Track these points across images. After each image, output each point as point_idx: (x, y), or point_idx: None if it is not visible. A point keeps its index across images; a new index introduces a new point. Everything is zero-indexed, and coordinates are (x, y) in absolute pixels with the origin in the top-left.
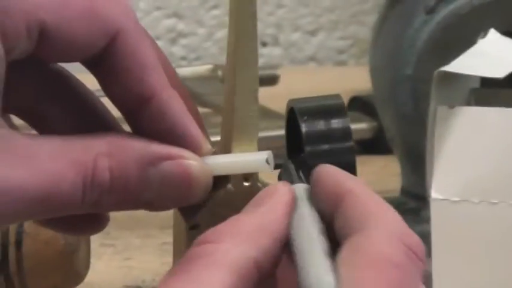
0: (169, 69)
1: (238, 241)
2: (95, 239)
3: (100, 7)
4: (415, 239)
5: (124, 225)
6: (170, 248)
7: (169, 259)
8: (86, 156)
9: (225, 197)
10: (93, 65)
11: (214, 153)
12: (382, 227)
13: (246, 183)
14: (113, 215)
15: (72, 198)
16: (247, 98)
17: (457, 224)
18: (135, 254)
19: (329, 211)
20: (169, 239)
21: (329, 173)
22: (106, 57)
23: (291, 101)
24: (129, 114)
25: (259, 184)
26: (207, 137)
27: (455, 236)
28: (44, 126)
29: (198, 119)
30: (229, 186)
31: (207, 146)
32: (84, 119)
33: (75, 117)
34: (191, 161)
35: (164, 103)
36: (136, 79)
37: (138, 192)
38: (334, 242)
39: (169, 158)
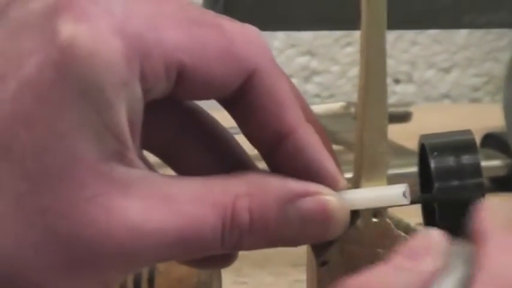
0: (304, 104)
1: None
2: (227, 277)
3: (237, 46)
4: None
5: (256, 262)
6: (303, 285)
7: None
8: (226, 198)
9: (354, 234)
10: (229, 102)
11: (348, 189)
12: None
13: (374, 219)
14: (245, 252)
15: (212, 241)
16: (376, 134)
17: None
18: None
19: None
20: (302, 276)
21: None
22: (242, 95)
23: (422, 136)
24: (266, 152)
25: (387, 220)
26: (341, 173)
27: None
28: (179, 164)
29: (333, 154)
30: (359, 222)
31: (343, 181)
32: (219, 157)
33: (210, 154)
34: (329, 197)
35: (301, 139)
36: (274, 116)
37: (278, 231)
38: None
39: (307, 194)
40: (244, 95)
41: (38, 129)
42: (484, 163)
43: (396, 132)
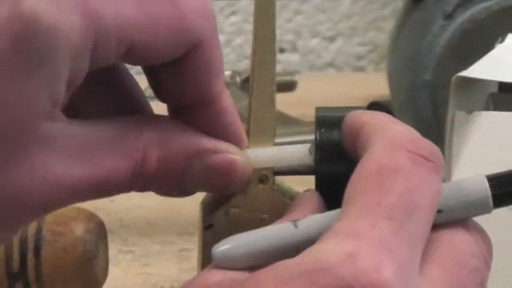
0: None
1: None
2: (114, 246)
3: (188, 19)
4: (422, 143)
5: (142, 231)
6: (188, 254)
7: (188, 265)
8: (138, 146)
9: (240, 198)
10: (158, 66)
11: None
12: (384, 141)
13: (261, 185)
14: (132, 222)
15: (121, 186)
16: (264, 100)
17: None
18: (154, 260)
19: (352, 149)
20: (188, 245)
21: (350, 114)
22: (179, 61)
23: (317, 109)
24: (181, 112)
25: (274, 186)
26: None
27: None
28: (89, 111)
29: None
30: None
31: (247, 141)
32: (131, 106)
33: (120, 103)
34: (236, 156)
35: (222, 104)
36: (205, 83)
37: (183, 181)
38: None
39: (216, 151)
40: (182, 61)
41: None
42: None
43: (281, 101)
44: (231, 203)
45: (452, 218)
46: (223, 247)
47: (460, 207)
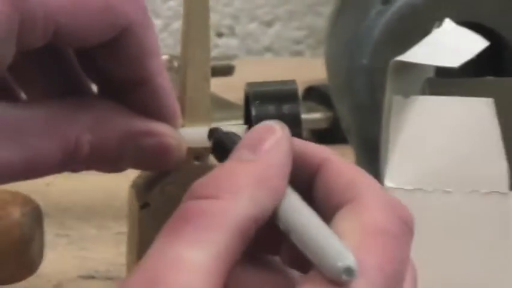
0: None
1: (238, 198)
2: (50, 230)
3: (114, 4)
4: (406, 210)
5: (79, 215)
6: (125, 238)
7: (124, 249)
8: (71, 131)
9: (176, 176)
10: (90, 49)
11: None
12: (374, 197)
13: (196, 162)
14: (68, 205)
15: (52, 168)
16: (199, 78)
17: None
18: (90, 244)
19: (303, 181)
20: (124, 229)
21: (298, 142)
22: (111, 43)
23: (247, 85)
24: (116, 93)
25: (209, 163)
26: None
27: None
28: (28, 88)
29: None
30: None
31: (181, 120)
32: (67, 86)
33: (58, 82)
34: (170, 138)
35: (159, 85)
36: (138, 64)
37: (116, 162)
38: None
39: (150, 133)
40: (114, 43)
41: None
42: (305, 115)
43: (219, 86)
44: (167, 180)
45: None
46: None
47: None
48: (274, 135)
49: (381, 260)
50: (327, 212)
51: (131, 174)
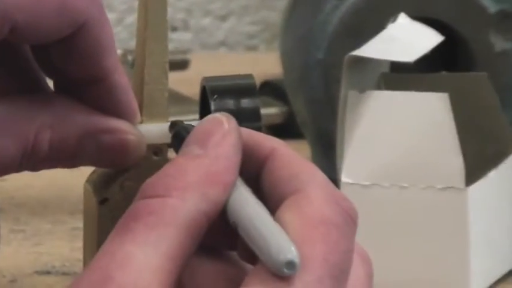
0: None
1: (188, 195)
2: (5, 225)
3: (70, 1)
4: (349, 203)
5: (34, 210)
6: (80, 233)
7: (80, 244)
8: (29, 129)
9: (135, 171)
10: (46, 46)
11: None
12: (317, 189)
13: (155, 157)
14: (23, 201)
15: (10, 167)
16: (157, 71)
17: (367, 208)
18: (45, 239)
19: (252, 171)
20: (80, 224)
21: (246, 133)
22: (68, 40)
23: (204, 79)
24: (74, 89)
25: (168, 158)
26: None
27: (365, 220)
28: None
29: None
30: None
31: (139, 116)
32: (26, 83)
33: (17, 79)
34: (129, 135)
35: (116, 82)
36: (95, 61)
37: (75, 159)
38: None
39: (108, 131)
40: (70, 40)
41: None
42: (262, 111)
43: (174, 80)
44: (126, 176)
45: None
46: None
47: None
48: (221, 128)
49: (324, 250)
50: (273, 203)
51: (86, 169)
